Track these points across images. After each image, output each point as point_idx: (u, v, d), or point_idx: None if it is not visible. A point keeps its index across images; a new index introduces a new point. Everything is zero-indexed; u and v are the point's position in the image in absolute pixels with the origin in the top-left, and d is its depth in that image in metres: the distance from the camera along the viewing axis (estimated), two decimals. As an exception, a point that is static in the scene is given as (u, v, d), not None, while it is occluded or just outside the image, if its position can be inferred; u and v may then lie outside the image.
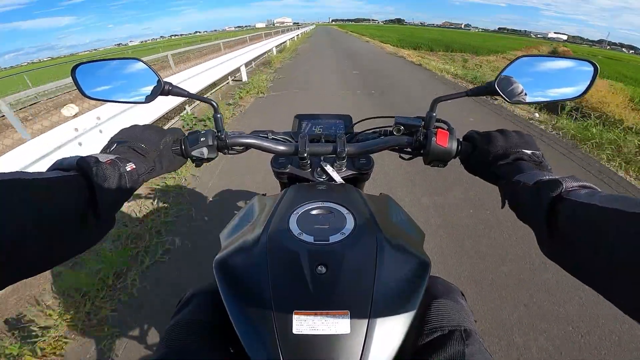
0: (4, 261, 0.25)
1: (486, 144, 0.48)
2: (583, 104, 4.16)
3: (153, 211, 2.07)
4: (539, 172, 0.40)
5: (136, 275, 1.57)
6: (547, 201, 0.33)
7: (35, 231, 0.28)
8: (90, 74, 0.52)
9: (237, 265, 0.40)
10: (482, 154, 0.48)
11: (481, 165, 0.49)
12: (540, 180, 0.36)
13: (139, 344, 1.27)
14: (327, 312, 0.33)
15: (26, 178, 0.29)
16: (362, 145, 0.58)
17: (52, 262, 0.31)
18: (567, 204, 0.31)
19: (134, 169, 0.41)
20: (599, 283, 0.27)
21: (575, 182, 0.33)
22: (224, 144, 0.55)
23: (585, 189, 0.32)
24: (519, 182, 0.39)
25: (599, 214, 0.27)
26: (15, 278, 0.28)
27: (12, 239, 0.26)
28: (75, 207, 0.32)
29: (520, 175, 0.41)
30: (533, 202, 0.35)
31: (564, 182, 0.33)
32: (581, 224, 0.28)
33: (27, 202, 0.28)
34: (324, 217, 0.45)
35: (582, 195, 0.31)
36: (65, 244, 0.32)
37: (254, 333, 0.34)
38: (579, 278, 0.29)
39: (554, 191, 0.32)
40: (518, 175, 0.41)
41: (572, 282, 1.44)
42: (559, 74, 0.50)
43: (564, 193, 0.32)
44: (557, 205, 0.32)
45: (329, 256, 0.38)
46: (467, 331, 0.39)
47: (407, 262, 0.40)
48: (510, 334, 1.26)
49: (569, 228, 0.30)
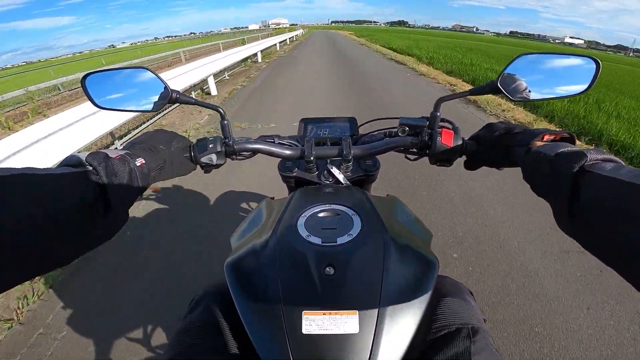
0: (15, 260, 0.26)
1: (488, 130, 0.50)
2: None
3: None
4: (560, 143, 0.38)
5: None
6: (569, 174, 0.31)
7: (46, 228, 0.28)
8: (100, 84, 0.53)
9: (247, 267, 0.41)
10: (488, 139, 0.49)
11: (492, 150, 0.49)
12: (562, 151, 0.34)
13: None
14: (335, 312, 0.34)
15: (36, 174, 0.29)
16: (367, 147, 0.59)
17: (65, 258, 0.32)
18: (590, 177, 0.29)
19: (144, 164, 0.42)
20: (621, 264, 0.26)
21: (599, 155, 0.31)
22: (232, 150, 0.56)
23: (610, 162, 0.30)
24: (540, 152, 0.37)
25: (626, 189, 0.25)
26: (28, 276, 0.28)
27: (23, 236, 0.26)
28: (86, 202, 0.32)
29: (540, 145, 0.39)
30: (553, 174, 0.33)
31: (588, 154, 0.31)
32: (605, 199, 0.27)
33: (38, 198, 0.28)
34: (332, 219, 0.46)
35: (606, 169, 0.29)
36: (77, 239, 0.32)
37: (265, 333, 0.35)
38: (599, 257, 0.28)
39: (577, 163, 0.31)
40: (537, 143, 0.39)
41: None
42: (562, 71, 0.50)
43: (587, 166, 0.30)
44: (580, 179, 0.30)
45: (336, 257, 0.38)
46: (475, 329, 0.39)
47: (414, 262, 0.40)
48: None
49: (591, 203, 0.28)
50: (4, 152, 1.99)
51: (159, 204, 2.19)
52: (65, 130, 2.43)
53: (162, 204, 2.19)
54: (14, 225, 0.25)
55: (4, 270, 0.25)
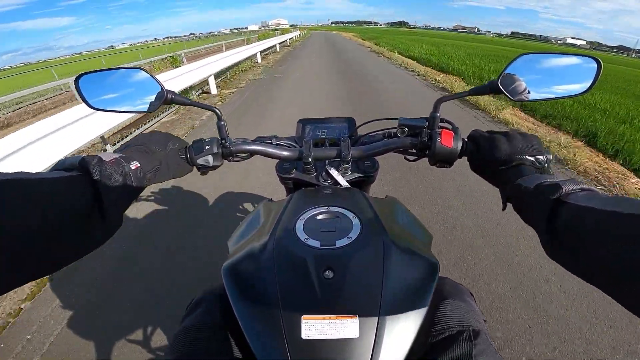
0: (11, 264, 0.25)
1: (490, 147, 0.48)
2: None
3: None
4: (539, 175, 0.41)
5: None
6: (547, 205, 0.34)
7: (40, 232, 0.27)
8: (93, 84, 0.52)
9: (245, 271, 0.40)
10: (486, 157, 0.48)
11: (484, 168, 0.50)
12: (540, 184, 0.37)
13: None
14: (335, 317, 0.33)
15: (29, 178, 0.29)
16: (366, 148, 0.58)
17: (59, 263, 0.31)
18: (566, 207, 0.32)
19: (139, 167, 0.42)
20: (603, 284, 0.28)
21: (574, 185, 0.34)
22: (229, 152, 0.55)
23: (584, 192, 0.33)
24: (520, 185, 0.40)
25: (598, 216, 0.28)
26: (23, 280, 0.28)
27: (19, 240, 0.25)
28: (80, 207, 0.32)
29: (521, 179, 0.42)
30: (534, 206, 0.37)
31: (563, 186, 0.33)
32: (580, 227, 0.29)
33: (31, 202, 0.27)
34: (330, 221, 0.45)
35: (581, 198, 0.32)
36: (71, 244, 0.32)
37: (263, 338, 0.34)
38: (584, 279, 0.30)
39: (553, 195, 0.33)
40: (519, 179, 0.42)
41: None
42: (563, 71, 0.50)
43: (563, 196, 0.33)
44: (558, 209, 0.33)
45: (335, 261, 0.38)
46: (476, 331, 0.39)
47: (415, 264, 0.40)
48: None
49: (569, 231, 0.31)
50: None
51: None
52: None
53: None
54: (9, 229, 0.25)
55: (0, 273, 0.25)
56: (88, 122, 2.62)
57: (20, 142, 2.09)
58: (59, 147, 2.20)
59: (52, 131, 2.34)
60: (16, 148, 2.00)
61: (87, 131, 2.54)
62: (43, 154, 2.05)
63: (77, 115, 2.64)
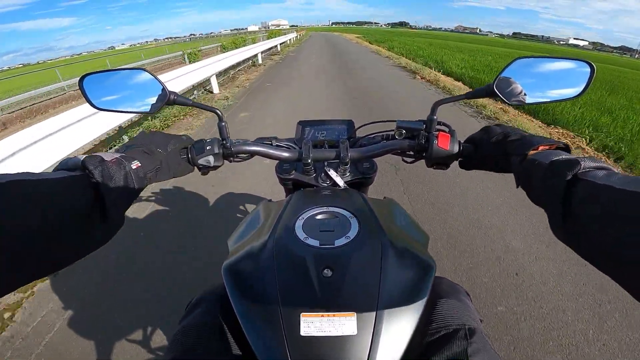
0: (15, 262, 0.26)
1: (485, 134, 0.49)
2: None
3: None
4: (553, 151, 0.39)
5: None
6: (563, 181, 0.31)
7: (43, 232, 0.28)
8: (97, 84, 0.53)
9: (245, 270, 0.41)
10: (485, 143, 0.49)
11: (487, 155, 0.49)
12: (556, 159, 0.35)
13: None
14: (334, 314, 0.34)
15: (32, 179, 0.29)
16: (365, 150, 0.59)
17: (60, 263, 0.31)
18: (583, 184, 0.30)
19: (140, 166, 0.42)
20: (614, 269, 0.26)
21: (592, 163, 0.32)
22: (230, 152, 0.56)
23: (602, 170, 0.31)
24: (534, 160, 0.38)
25: (617, 196, 0.26)
26: (24, 280, 0.28)
27: (20, 240, 0.26)
28: (82, 206, 0.32)
29: (535, 153, 0.40)
30: (548, 182, 0.34)
31: (582, 162, 0.31)
32: (598, 207, 0.27)
33: (34, 202, 0.28)
34: (329, 221, 0.46)
35: (599, 176, 0.29)
36: (74, 244, 0.32)
37: (263, 335, 0.35)
38: (593, 263, 0.28)
39: (570, 171, 0.31)
40: (532, 152, 0.40)
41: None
42: (557, 75, 0.51)
43: (580, 174, 0.31)
44: (573, 186, 0.31)
45: (334, 260, 0.38)
46: (471, 329, 0.40)
47: (412, 264, 0.40)
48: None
49: (584, 210, 0.29)
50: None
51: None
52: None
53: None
54: (11, 229, 0.25)
55: (2, 274, 0.25)
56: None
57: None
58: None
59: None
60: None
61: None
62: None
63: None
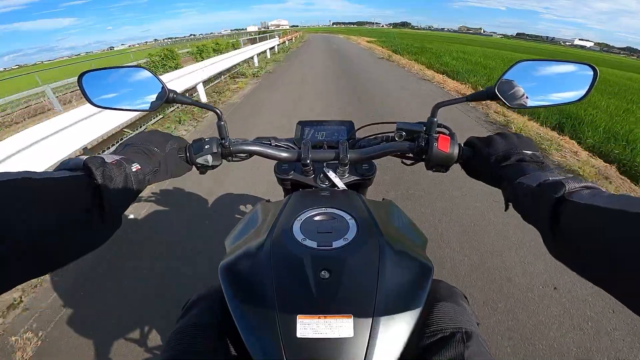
0: (15, 260, 0.26)
1: (486, 146, 0.49)
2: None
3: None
4: (541, 173, 0.40)
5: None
6: (550, 203, 0.33)
7: (44, 230, 0.28)
8: (96, 82, 0.53)
9: (242, 270, 0.40)
10: (484, 157, 0.49)
11: (483, 169, 0.50)
12: (543, 182, 0.36)
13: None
14: (330, 316, 0.33)
15: (34, 177, 0.29)
16: (364, 151, 0.59)
17: (61, 260, 0.32)
18: (570, 205, 0.31)
19: (139, 169, 0.42)
20: (605, 283, 0.27)
21: (578, 183, 0.33)
22: (228, 152, 0.55)
23: (588, 190, 0.33)
24: (522, 184, 0.39)
25: (602, 215, 0.27)
26: (24, 277, 0.28)
27: (22, 238, 0.26)
28: (82, 206, 0.33)
29: (523, 177, 0.41)
30: (536, 204, 0.36)
31: (567, 184, 0.33)
32: (584, 226, 0.29)
33: (35, 201, 0.28)
34: (327, 223, 0.45)
35: (584, 196, 0.31)
36: (72, 243, 0.32)
37: (258, 337, 0.34)
38: (586, 278, 0.29)
39: (557, 193, 0.32)
40: (521, 177, 0.41)
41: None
42: (560, 78, 0.50)
43: (566, 194, 0.32)
44: (561, 207, 0.32)
45: (332, 261, 0.38)
46: (468, 333, 0.40)
47: (410, 266, 0.40)
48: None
49: (572, 230, 0.30)
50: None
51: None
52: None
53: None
54: (11, 227, 0.25)
55: (1, 271, 0.25)
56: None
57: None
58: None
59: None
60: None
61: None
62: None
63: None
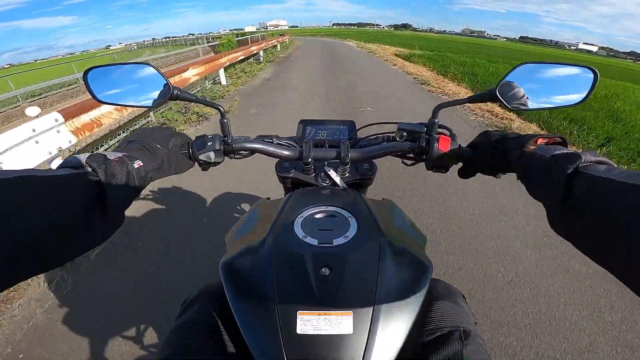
0: (16, 258, 0.26)
1: (484, 136, 0.51)
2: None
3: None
4: (555, 146, 0.39)
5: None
6: (563, 175, 0.31)
7: (45, 228, 0.28)
8: (101, 78, 0.53)
9: (242, 267, 0.41)
10: (484, 145, 0.50)
11: (487, 155, 0.50)
12: (557, 153, 0.35)
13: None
14: (330, 313, 0.34)
15: (36, 175, 0.29)
16: (365, 151, 0.59)
17: (62, 258, 0.32)
18: (584, 178, 0.30)
19: (142, 166, 0.42)
20: (612, 262, 0.26)
21: (593, 157, 0.32)
22: (231, 149, 0.56)
23: (603, 164, 0.31)
24: (535, 154, 0.38)
25: (618, 189, 0.26)
26: (27, 274, 0.28)
27: (24, 235, 0.26)
28: (84, 204, 0.33)
29: (535, 148, 0.40)
30: (548, 176, 0.34)
31: (583, 156, 0.32)
32: (598, 199, 0.27)
33: (38, 199, 0.28)
34: (328, 220, 0.46)
35: (599, 170, 0.30)
36: (75, 240, 0.32)
37: (259, 333, 0.35)
38: (591, 256, 0.28)
39: (571, 164, 0.31)
40: (532, 148, 0.40)
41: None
42: (560, 81, 0.51)
43: (580, 167, 0.31)
44: (573, 180, 0.31)
45: (332, 259, 0.38)
46: (466, 332, 0.40)
47: (409, 265, 0.41)
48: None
49: (584, 203, 0.29)
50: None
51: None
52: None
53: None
54: (15, 224, 0.25)
55: (4, 267, 0.25)
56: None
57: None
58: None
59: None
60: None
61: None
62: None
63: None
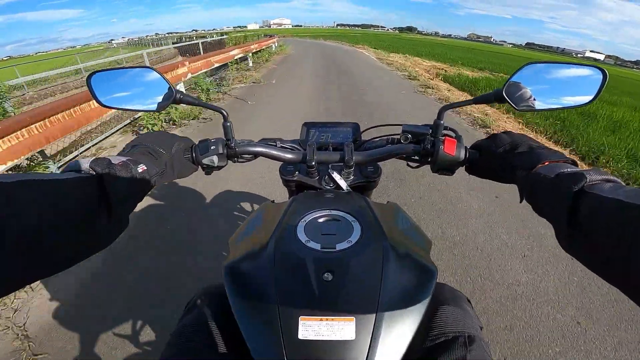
0: (22, 261, 0.26)
1: (493, 142, 0.49)
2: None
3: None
4: (559, 164, 0.39)
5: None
6: (569, 195, 0.31)
7: (51, 232, 0.28)
8: (105, 83, 0.54)
9: (245, 271, 0.40)
10: (492, 152, 0.49)
11: (493, 164, 0.49)
12: (562, 172, 0.35)
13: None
14: (332, 318, 0.33)
15: (42, 179, 0.30)
16: (369, 154, 0.59)
17: (67, 262, 0.32)
18: (589, 197, 0.30)
19: (145, 170, 0.43)
20: (620, 280, 0.26)
21: (598, 175, 0.32)
22: (234, 152, 0.56)
23: (609, 183, 0.31)
24: (539, 174, 0.38)
25: (624, 209, 0.26)
26: (34, 277, 0.28)
27: (29, 239, 0.26)
28: (89, 208, 0.33)
29: (540, 166, 0.40)
30: (553, 196, 0.34)
31: (587, 175, 0.31)
32: (604, 219, 0.27)
33: (44, 203, 0.28)
34: (331, 225, 0.45)
35: (605, 189, 0.29)
36: (80, 244, 0.33)
37: (260, 337, 0.34)
38: (600, 275, 0.28)
39: (576, 184, 0.31)
40: (538, 166, 0.40)
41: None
42: (568, 81, 0.50)
43: (586, 187, 0.31)
44: (579, 199, 0.31)
45: (335, 263, 0.38)
46: (471, 337, 0.39)
47: (413, 270, 0.40)
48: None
49: (590, 223, 0.29)
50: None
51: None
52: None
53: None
54: (19, 230, 0.25)
55: (6, 273, 0.25)
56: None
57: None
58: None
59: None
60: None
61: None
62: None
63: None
